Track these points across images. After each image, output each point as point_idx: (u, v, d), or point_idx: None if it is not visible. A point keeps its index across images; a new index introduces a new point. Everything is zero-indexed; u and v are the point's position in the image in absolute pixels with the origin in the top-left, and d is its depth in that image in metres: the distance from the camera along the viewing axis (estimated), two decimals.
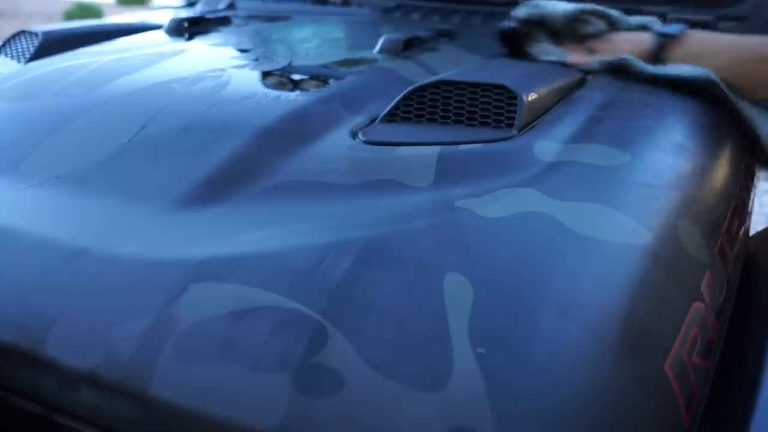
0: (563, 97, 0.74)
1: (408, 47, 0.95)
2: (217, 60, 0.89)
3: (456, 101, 0.67)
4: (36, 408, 0.49)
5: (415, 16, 1.25)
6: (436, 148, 0.61)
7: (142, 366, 0.43)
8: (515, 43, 0.93)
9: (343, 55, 0.92)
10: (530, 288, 0.43)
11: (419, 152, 0.60)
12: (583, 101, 0.72)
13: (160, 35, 1.13)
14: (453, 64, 0.87)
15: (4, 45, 1.08)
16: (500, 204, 0.51)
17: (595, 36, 0.88)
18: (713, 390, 0.52)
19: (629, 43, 0.86)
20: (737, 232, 0.64)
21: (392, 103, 0.69)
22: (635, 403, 0.40)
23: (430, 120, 0.67)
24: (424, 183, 0.56)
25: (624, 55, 0.81)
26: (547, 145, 0.60)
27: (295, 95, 0.73)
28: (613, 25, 0.89)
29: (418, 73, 0.83)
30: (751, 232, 0.89)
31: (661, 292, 0.46)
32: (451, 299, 0.42)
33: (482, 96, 0.67)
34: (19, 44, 1.07)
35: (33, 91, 0.81)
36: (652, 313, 0.44)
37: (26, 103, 0.77)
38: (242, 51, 0.95)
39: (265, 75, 0.82)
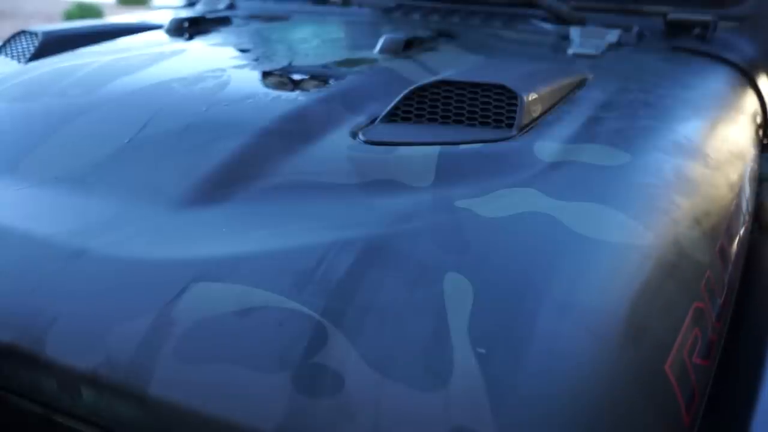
0: (563, 97, 0.74)
1: (408, 47, 0.95)
2: (217, 60, 0.89)
3: (456, 101, 0.67)
4: (36, 408, 0.49)
5: (415, 16, 1.25)
6: (436, 148, 0.60)
7: (141, 366, 0.43)
8: None
9: (343, 55, 0.92)
10: (530, 288, 0.43)
11: (419, 152, 0.60)
12: (583, 101, 0.72)
13: (160, 35, 1.13)
14: (453, 64, 0.87)
15: (4, 45, 1.08)
16: (500, 204, 0.51)
17: None
18: (713, 390, 0.52)
19: None
20: (737, 232, 0.64)
21: (392, 103, 0.69)
22: (635, 403, 0.40)
23: (430, 120, 0.67)
24: (424, 183, 0.56)
25: None
26: (547, 145, 0.60)
27: (295, 95, 0.73)
28: None
29: (418, 73, 0.83)
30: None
31: (661, 293, 0.46)
32: (452, 299, 0.42)
33: (482, 96, 0.67)
34: (19, 44, 1.06)
35: (33, 91, 0.81)
36: (653, 314, 0.44)
37: (26, 104, 0.77)
38: (242, 51, 0.95)
39: (266, 75, 0.82)
